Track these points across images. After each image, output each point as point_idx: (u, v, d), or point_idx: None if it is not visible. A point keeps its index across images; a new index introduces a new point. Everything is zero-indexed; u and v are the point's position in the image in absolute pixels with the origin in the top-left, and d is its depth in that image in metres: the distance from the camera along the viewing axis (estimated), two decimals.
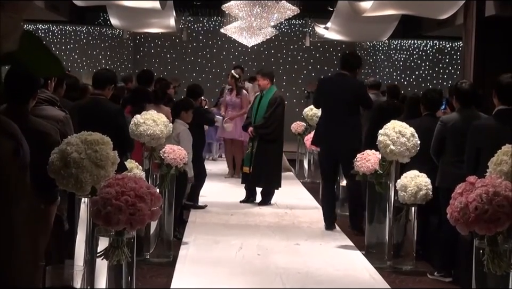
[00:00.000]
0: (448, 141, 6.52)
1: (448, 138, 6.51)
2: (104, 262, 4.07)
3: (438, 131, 6.63)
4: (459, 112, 6.55)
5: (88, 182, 4.12)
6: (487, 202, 3.78)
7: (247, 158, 10.33)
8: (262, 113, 10.14)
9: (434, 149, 6.67)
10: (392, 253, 7.06)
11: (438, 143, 6.64)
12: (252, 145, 10.20)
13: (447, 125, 6.53)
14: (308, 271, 6.76)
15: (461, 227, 3.91)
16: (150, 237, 7.07)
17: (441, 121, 6.63)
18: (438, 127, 6.62)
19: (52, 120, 4.61)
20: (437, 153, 6.67)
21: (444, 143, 6.57)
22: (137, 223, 3.92)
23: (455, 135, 6.41)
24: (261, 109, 10.19)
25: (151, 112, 7.08)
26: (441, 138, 6.58)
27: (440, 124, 6.62)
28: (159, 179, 7.12)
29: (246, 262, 7.03)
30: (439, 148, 6.62)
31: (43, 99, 4.73)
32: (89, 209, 4.18)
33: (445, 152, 6.58)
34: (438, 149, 6.64)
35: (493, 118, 5.75)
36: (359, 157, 7.26)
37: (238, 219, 9.26)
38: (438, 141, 6.63)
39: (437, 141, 6.64)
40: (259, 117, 10.14)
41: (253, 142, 10.22)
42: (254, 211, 9.79)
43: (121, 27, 16.58)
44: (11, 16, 1.24)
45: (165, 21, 15.22)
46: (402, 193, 6.73)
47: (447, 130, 6.51)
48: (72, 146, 4.15)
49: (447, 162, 6.52)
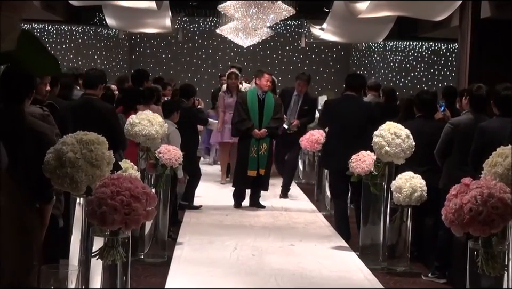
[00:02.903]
0: (457, 143, 6.49)
1: (457, 141, 6.49)
2: (99, 261, 4.07)
3: (446, 133, 6.59)
4: (471, 115, 6.52)
5: (84, 181, 4.12)
6: (482, 203, 3.79)
7: (252, 161, 9.89)
8: (270, 114, 9.94)
9: (441, 151, 6.64)
10: (386, 254, 7.07)
11: (445, 145, 6.60)
12: (258, 148, 9.86)
13: (457, 127, 6.51)
14: (302, 272, 6.77)
15: (455, 229, 3.92)
16: (145, 237, 7.08)
17: (451, 124, 6.59)
18: (447, 129, 6.59)
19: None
20: (443, 155, 6.64)
21: (451, 145, 6.56)
22: (132, 223, 3.93)
23: (465, 138, 6.36)
24: (268, 110, 9.98)
25: (146, 112, 7.09)
26: (449, 140, 6.55)
27: (449, 126, 6.59)
28: (154, 179, 7.13)
29: (240, 263, 7.03)
30: (446, 150, 6.61)
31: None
32: (84, 209, 4.18)
33: (452, 154, 6.57)
34: (445, 151, 6.62)
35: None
36: (354, 158, 7.26)
37: (233, 219, 9.27)
38: (446, 142, 6.59)
39: (445, 143, 6.60)
40: (267, 118, 9.93)
41: (259, 144, 9.91)
42: (249, 212, 9.78)
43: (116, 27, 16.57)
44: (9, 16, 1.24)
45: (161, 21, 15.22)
46: (397, 194, 6.75)
47: (457, 133, 6.50)
48: (67, 146, 4.14)
49: (454, 165, 6.47)
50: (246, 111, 9.99)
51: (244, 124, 9.94)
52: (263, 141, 9.93)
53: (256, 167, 9.87)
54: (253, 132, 9.87)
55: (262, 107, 10.01)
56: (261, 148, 9.88)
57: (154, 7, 12.49)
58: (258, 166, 9.87)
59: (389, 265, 7.02)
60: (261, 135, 9.88)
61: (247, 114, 9.97)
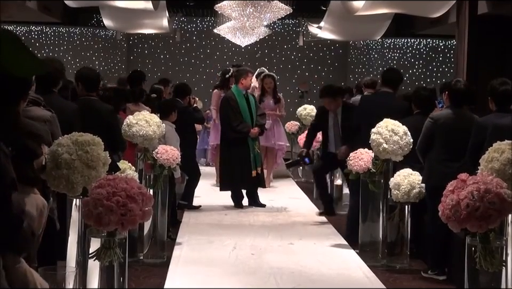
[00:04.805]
0: (438, 138, 6.51)
1: (438, 135, 6.50)
2: (96, 263, 4.07)
3: (427, 128, 6.60)
4: (450, 110, 6.56)
5: (79, 182, 4.11)
6: (478, 199, 3.78)
7: (252, 161, 9.91)
8: (256, 112, 10.09)
9: (422, 146, 6.65)
10: (386, 251, 7.07)
11: (426, 140, 6.61)
12: (253, 147, 9.92)
13: (438, 122, 6.52)
14: (301, 271, 6.76)
15: (452, 225, 3.91)
16: (144, 238, 7.07)
17: (431, 118, 6.62)
18: (428, 124, 6.60)
19: (39, 121, 4.59)
20: (424, 150, 6.64)
21: (433, 140, 6.56)
22: (129, 223, 3.92)
23: (446, 132, 6.41)
24: (254, 108, 10.11)
25: (143, 113, 7.08)
26: (430, 135, 6.56)
27: (429, 121, 6.60)
28: (152, 179, 7.12)
29: (239, 262, 7.02)
30: (427, 145, 6.61)
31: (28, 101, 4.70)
32: (81, 210, 4.17)
33: (432, 149, 6.57)
34: (426, 146, 6.62)
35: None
36: (352, 155, 7.25)
37: (232, 219, 9.26)
38: (427, 137, 6.60)
39: (425, 138, 6.61)
40: (255, 116, 10.03)
41: (253, 143, 9.95)
42: (248, 211, 9.78)
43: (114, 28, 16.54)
44: None
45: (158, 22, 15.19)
46: (395, 191, 6.74)
47: (437, 128, 6.51)
48: (63, 147, 4.13)
49: (435, 160, 6.51)
50: (239, 111, 9.96)
51: (245, 126, 9.91)
52: (255, 139, 10.03)
53: (255, 166, 9.89)
54: (250, 132, 9.90)
55: (249, 106, 10.07)
56: (255, 147, 9.96)
57: (151, 8, 12.45)
58: (256, 165, 9.90)
59: (388, 262, 7.01)
60: (256, 134, 9.96)
61: (241, 115, 9.96)
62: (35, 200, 3.82)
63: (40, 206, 3.85)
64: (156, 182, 7.10)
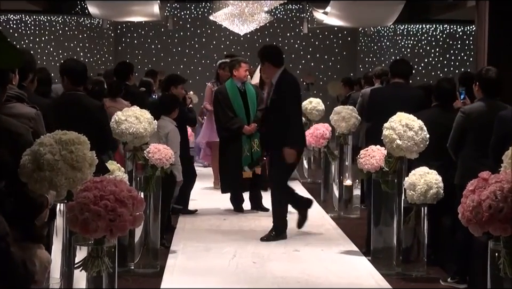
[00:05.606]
0: (471, 134, 6.48)
1: (471, 131, 6.48)
2: (82, 273, 4.06)
3: (458, 123, 6.58)
4: (483, 102, 6.52)
5: (64, 185, 4.10)
6: (502, 199, 3.77)
7: (247, 161, 9.86)
8: (254, 106, 9.95)
9: (454, 143, 6.63)
10: (401, 258, 7.06)
11: (458, 136, 6.59)
12: (250, 146, 9.85)
13: (470, 116, 6.49)
14: (308, 280, 6.77)
15: (473, 228, 3.90)
16: (135, 246, 7.06)
17: (463, 112, 6.58)
18: (459, 119, 6.58)
19: (23, 118, 4.58)
20: (456, 148, 6.63)
21: (465, 136, 6.54)
22: (118, 230, 3.91)
23: (479, 127, 6.36)
24: (252, 102, 9.97)
25: (133, 108, 7.07)
26: (463, 131, 6.54)
27: (461, 115, 6.57)
28: (143, 181, 7.11)
29: (240, 271, 7.03)
30: (459, 142, 6.59)
31: (11, 96, 4.70)
32: (65, 216, 4.17)
33: (466, 146, 6.55)
34: (458, 143, 6.60)
35: None
36: (362, 153, 7.25)
37: (231, 224, 9.27)
38: (459, 133, 6.58)
39: (457, 134, 6.59)
40: (253, 111, 9.89)
41: (251, 141, 9.88)
42: (249, 216, 9.79)
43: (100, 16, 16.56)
44: None
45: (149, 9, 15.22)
46: (410, 192, 6.74)
47: (470, 122, 6.48)
48: (45, 147, 4.12)
49: (469, 158, 6.46)
50: (230, 107, 9.91)
51: (234, 122, 9.85)
52: (254, 137, 9.90)
53: (251, 166, 9.86)
54: (243, 129, 9.83)
55: (245, 100, 9.99)
56: (253, 145, 9.87)
57: None
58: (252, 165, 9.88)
59: (403, 270, 7.01)
60: (251, 131, 9.86)
61: (232, 110, 9.90)
62: (39, 256, 3.95)
63: (45, 261, 3.97)
64: (148, 184, 7.10)
